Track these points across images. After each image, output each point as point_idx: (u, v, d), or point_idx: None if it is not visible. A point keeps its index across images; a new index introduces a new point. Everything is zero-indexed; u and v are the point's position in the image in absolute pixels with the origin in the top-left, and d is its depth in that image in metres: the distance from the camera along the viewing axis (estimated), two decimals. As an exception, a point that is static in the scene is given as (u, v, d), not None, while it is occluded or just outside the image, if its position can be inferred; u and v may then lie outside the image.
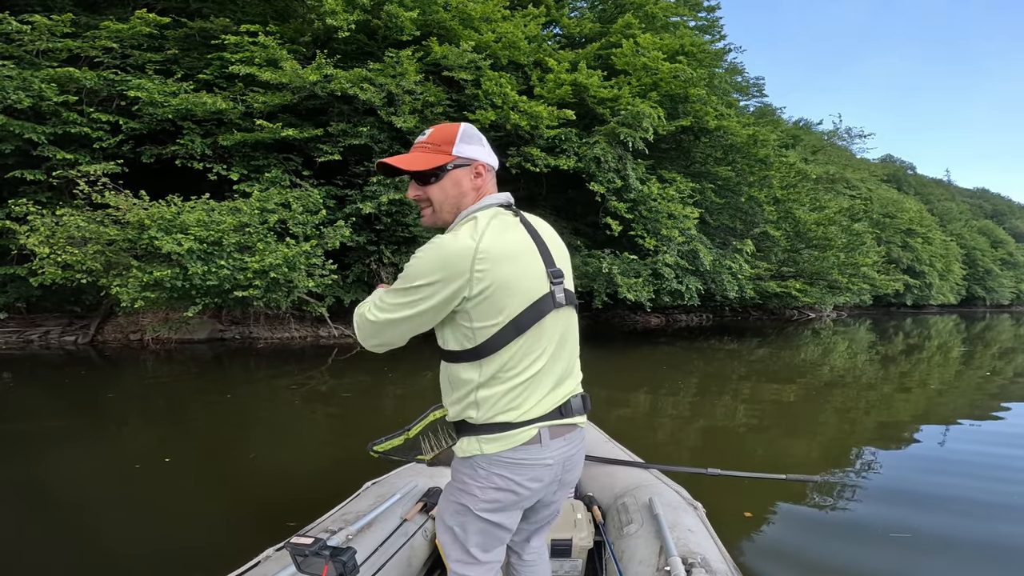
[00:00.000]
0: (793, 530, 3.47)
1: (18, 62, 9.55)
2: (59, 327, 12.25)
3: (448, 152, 1.40)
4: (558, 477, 1.47)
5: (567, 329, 1.45)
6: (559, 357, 1.42)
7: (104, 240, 9.67)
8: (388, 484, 2.56)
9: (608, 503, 2.56)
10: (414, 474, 2.68)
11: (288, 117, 11.39)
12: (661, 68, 12.35)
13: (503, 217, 1.39)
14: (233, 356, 10.99)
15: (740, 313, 28.33)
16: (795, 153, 24.72)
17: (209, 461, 4.66)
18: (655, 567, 1.87)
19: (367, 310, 1.37)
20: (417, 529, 2.28)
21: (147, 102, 10.24)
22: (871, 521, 3.57)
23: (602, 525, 2.41)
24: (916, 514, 3.70)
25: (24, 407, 6.72)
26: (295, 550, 1.50)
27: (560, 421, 1.42)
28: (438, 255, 1.28)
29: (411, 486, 2.52)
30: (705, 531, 2.14)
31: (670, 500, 2.36)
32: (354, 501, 2.40)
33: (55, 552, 3.04)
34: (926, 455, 5.29)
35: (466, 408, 1.40)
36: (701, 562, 1.85)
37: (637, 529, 2.17)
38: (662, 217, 12.39)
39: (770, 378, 9.98)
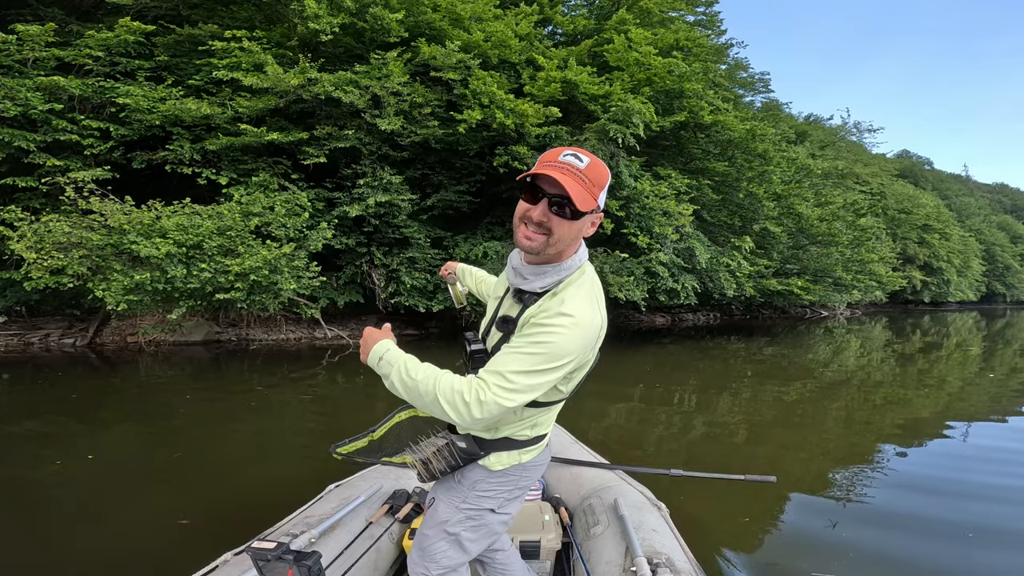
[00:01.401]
0: (757, 531, 3.47)
1: (7, 71, 9.44)
2: (59, 330, 12.21)
3: (596, 196, 1.32)
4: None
5: None
6: None
7: (89, 245, 9.54)
8: (352, 487, 2.49)
9: (575, 505, 2.54)
10: (378, 476, 2.61)
11: (278, 120, 11.19)
12: (654, 63, 11.86)
13: (595, 277, 1.43)
14: (229, 358, 10.83)
15: (749, 312, 27.58)
16: (802, 148, 23.93)
17: (177, 463, 4.60)
18: (622, 567, 1.87)
19: (492, 397, 1.27)
20: (383, 532, 2.21)
21: (134, 108, 10.08)
22: (830, 523, 3.58)
23: (569, 527, 2.38)
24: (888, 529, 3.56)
25: (15, 408, 6.67)
26: (257, 555, 1.45)
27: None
28: (584, 335, 1.30)
29: (376, 488, 2.46)
30: (669, 531, 2.14)
31: (635, 501, 2.35)
32: (317, 504, 2.31)
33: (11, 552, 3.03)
34: (916, 463, 5.00)
35: (521, 430, 1.50)
36: (666, 562, 1.85)
37: (603, 530, 2.16)
38: (655, 215, 11.91)
39: (773, 378, 9.62)
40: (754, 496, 3.95)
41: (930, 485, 4.39)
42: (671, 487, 3.21)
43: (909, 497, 4.14)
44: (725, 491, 3.99)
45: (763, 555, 3.17)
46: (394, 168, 11.45)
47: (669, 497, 2.50)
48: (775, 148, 14.79)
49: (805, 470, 4.82)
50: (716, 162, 14.19)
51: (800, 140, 25.67)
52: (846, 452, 5.31)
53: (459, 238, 12.85)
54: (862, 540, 3.39)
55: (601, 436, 5.56)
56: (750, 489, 3.95)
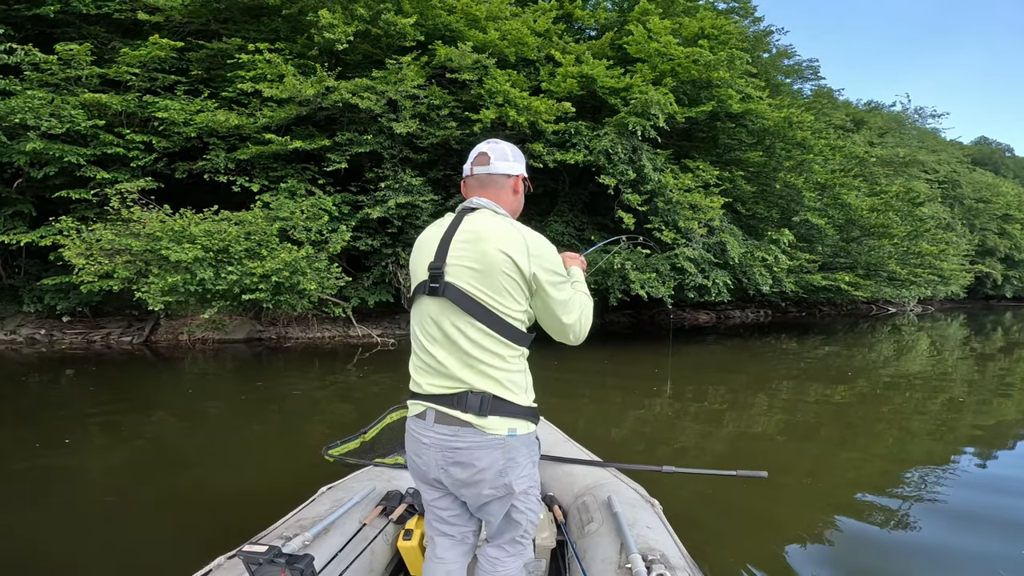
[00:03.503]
0: (750, 526, 3.44)
1: (54, 89, 9.97)
2: (119, 329, 12.91)
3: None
4: (442, 466, 1.52)
5: (452, 323, 1.49)
6: (448, 348, 1.50)
7: (132, 251, 9.96)
8: (344, 488, 2.42)
9: (569, 503, 2.49)
10: (371, 477, 2.54)
11: (305, 128, 11.34)
12: (676, 53, 11.14)
13: (446, 216, 1.60)
14: (269, 355, 11.16)
15: (805, 308, 25.84)
16: (859, 136, 22.15)
17: (188, 464, 4.64)
18: (617, 564, 1.84)
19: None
20: (377, 533, 2.15)
21: (172, 121, 10.44)
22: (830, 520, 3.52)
23: (563, 525, 2.34)
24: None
25: (73, 400, 7.10)
26: (248, 558, 1.42)
27: (449, 411, 1.48)
28: None
29: (369, 489, 2.39)
30: (663, 527, 2.12)
31: (629, 498, 2.32)
32: (309, 506, 2.25)
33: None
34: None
35: None
36: (661, 558, 1.82)
37: (598, 528, 2.13)
38: (680, 208, 11.20)
39: (822, 380, 8.95)
40: (748, 492, 3.86)
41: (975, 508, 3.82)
42: (664, 484, 3.10)
43: (944, 515, 3.69)
44: (718, 487, 3.91)
45: (758, 550, 3.13)
46: (415, 170, 11.36)
47: (662, 494, 2.48)
48: (815, 136, 13.62)
49: (810, 468, 4.62)
50: (750, 152, 13.24)
51: (858, 128, 23.76)
52: (871, 455, 4.95)
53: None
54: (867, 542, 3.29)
55: (624, 436, 5.41)
56: (744, 485, 3.85)
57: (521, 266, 1.45)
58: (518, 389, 1.51)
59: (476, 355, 1.48)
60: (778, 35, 18.26)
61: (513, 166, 1.62)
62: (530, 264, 1.46)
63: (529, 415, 1.55)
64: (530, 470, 1.60)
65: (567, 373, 8.78)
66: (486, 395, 1.47)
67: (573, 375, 8.73)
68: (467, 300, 1.47)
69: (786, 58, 19.23)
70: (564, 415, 6.37)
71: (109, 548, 3.10)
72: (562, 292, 1.54)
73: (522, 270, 1.46)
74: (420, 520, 2.20)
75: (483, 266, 1.45)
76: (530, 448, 1.59)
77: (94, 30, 11.33)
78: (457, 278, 1.48)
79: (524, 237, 1.48)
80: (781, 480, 4.25)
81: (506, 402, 1.48)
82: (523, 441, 1.54)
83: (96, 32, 11.31)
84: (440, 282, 1.49)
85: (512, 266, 1.45)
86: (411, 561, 2.15)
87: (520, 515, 1.60)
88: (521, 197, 1.68)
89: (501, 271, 1.45)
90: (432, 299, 1.51)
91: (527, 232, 1.51)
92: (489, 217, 1.53)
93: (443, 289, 1.48)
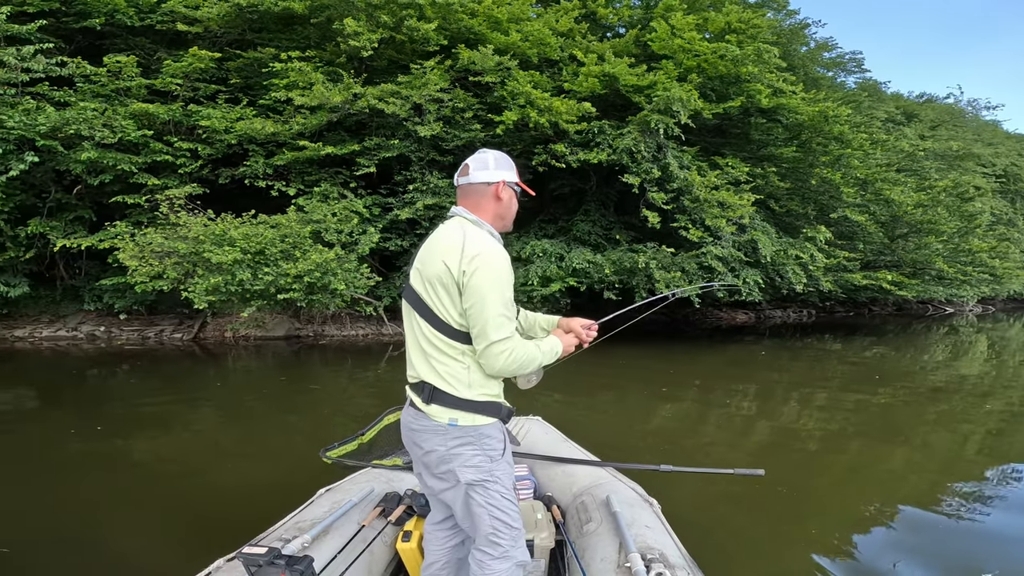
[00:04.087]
0: (748, 524, 3.40)
1: (106, 100, 10.62)
2: (171, 326, 13.65)
3: None
4: (408, 445, 1.73)
5: (413, 321, 1.66)
6: (412, 343, 1.68)
7: (180, 253, 10.52)
8: (342, 490, 2.43)
9: (567, 502, 2.50)
10: (370, 479, 2.54)
11: (337, 134, 11.71)
12: (702, 49, 10.92)
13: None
14: (307, 352, 11.58)
15: (854, 308, 24.76)
16: (910, 129, 21.08)
17: (202, 465, 4.67)
18: (616, 564, 1.84)
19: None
20: (376, 535, 2.16)
21: (213, 129, 10.97)
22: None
23: (562, 524, 2.35)
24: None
25: (115, 392, 7.62)
26: (248, 560, 1.42)
27: (413, 397, 1.67)
28: None
29: (367, 491, 2.40)
30: (662, 526, 2.11)
31: (627, 497, 2.32)
32: (308, 508, 2.26)
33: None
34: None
35: None
36: (660, 557, 1.82)
37: (596, 527, 2.13)
38: (707, 206, 10.97)
39: (864, 382, 8.56)
40: (746, 491, 3.82)
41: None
42: (662, 483, 3.07)
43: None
44: (717, 486, 3.88)
45: (757, 549, 3.10)
46: (442, 172, 11.55)
47: (660, 493, 2.47)
48: (853, 130, 13.07)
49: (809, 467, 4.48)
50: (784, 148, 12.82)
51: (909, 121, 22.60)
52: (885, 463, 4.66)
53: (511, 237, 12.68)
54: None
55: (646, 439, 5.31)
56: (742, 484, 3.83)
57: (451, 267, 1.53)
58: (457, 383, 1.59)
59: (427, 350, 1.62)
60: (815, 28, 17.55)
61: (493, 174, 1.68)
62: (460, 264, 1.52)
63: (473, 408, 1.61)
64: (481, 463, 1.63)
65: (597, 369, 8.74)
66: (429, 385, 1.61)
67: (595, 373, 8.69)
68: (418, 301, 1.62)
69: (826, 51, 18.50)
70: (585, 413, 6.42)
71: (108, 548, 3.09)
72: (493, 306, 1.52)
73: (451, 271, 1.53)
74: (419, 521, 2.23)
75: (429, 270, 1.59)
76: (479, 441, 1.62)
77: (140, 41, 11.98)
78: (415, 282, 1.64)
79: (464, 240, 1.55)
80: (781, 480, 4.14)
81: (445, 394, 1.59)
82: (466, 432, 1.60)
83: (142, 43, 11.96)
84: (406, 285, 1.69)
85: (444, 268, 1.54)
86: (410, 562, 2.15)
87: (480, 509, 1.63)
88: (508, 202, 1.73)
89: (437, 274, 1.56)
90: (405, 300, 1.68)
91: (471, 239, 1.56)
92: (451, 225, 1.65)
93: (406, 291, 1.68)
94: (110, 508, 3.63)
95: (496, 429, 1.67)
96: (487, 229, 1.66)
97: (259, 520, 2.24)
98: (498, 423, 1.67)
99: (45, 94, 10.18)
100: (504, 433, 1.72)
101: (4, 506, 3.62)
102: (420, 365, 1.64)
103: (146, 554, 2.98)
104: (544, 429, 3.18)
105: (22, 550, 3.01)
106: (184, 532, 3.21)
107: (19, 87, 9.98)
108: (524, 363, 1.60)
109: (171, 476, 4.25)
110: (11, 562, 2.91)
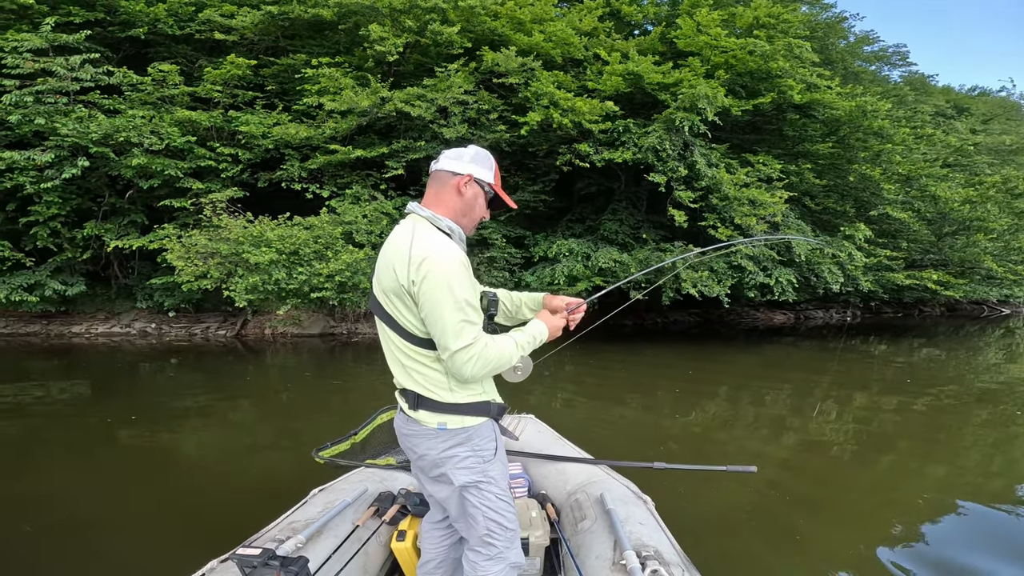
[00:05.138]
0: (738, 520, 3.37)
1: (153, 107, 11.12)
2: (216, 323, 14.19)
3: None
4: (404, 448, 1.68)
5: (383, 330, 1.59)
6: (387, 352, 1.62)
7: (222, 254, 10.94)
8: (336, 490, 2.41)
9: (561, 500, 2.48)
10: (363, 479, 2.53)
11: (368, 137, 11.93)
12: (729, 45, 10.63)
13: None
14: (341, 349, 11.85)
15: (903, 309, 23.61)
16: (961, 123, 19.97)
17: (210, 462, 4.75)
18: (611, 561, 1.83)
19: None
20: (371, 535, 2.14)
21: (251, 135, 11.35)
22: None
23: (556, 523, 2.33)
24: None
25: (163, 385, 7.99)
26: (242, 561, 1.41)
27: (402, 402, 1.64)
28: None
29: (361, 491, 2.38)
30: (656, 523, 2.10)
31: (621, 495, 2.31)
32: (301, 509, 2.24)
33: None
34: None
35: None
36: (655, 554, 1.81)
37: (591, 525, 2.12)
38: (736, 204, 10.68)
39: (906, 386, 8.19)
40: (739, 487, 3.81)
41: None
42: (656, 480, 3.08)
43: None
44: (711, 483, 3.86)
45: (752, 545, 3.08)
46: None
47: (654, 490, 2.46)
48: (894, 124, 12.46)
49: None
50: (819, 144, 12.34)
51: (959, 114, 21.39)
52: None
53: (539, 236, 12.65)
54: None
55: (666, 438, 5.23)
56: (735, 481, 3.83)
57: (400, 277, 1.45)
58: (439, 389, 1.54)
59: (402, 360, 1.56)
60: (852, 21, 16.83)
61: (464, 166, 1.56)
62: (408, 273, 1.43)
63: (461, 411, 1.56)
64: (474, 464, 1.59)
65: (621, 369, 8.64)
66: (412, 393, 1.56)
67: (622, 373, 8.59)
68: (382, 312, 1.56)
69: (867, 44, 17.70)
70: (592, 412, 6.35)
71: (106, 548, 3.10)
72: (449, 313, 1.43)
73: (400, 281, 1.45)
74: (413, 521, 2.23)
75: (384, 281, 1.52)
76: (472, 443, 1.58)
77: (181, 49, 12.51)
78: (376, 292, 1.58)
79: (410, 245, 1.46)
80: (782, 481, 4.01)
81: (430, 400, 1.55)
82: (456, 435, 1.56)
83: (183, 51, 12.50)
84: (371, 294, 1.61)
85: (395, 278, 1.47)
86: (405, 562, 2.14)
87: (475, 510, 1.60)
88: (471, 200, 1.59)
89: (391, 285, 1.49)
90: (372, 310, 1.61)
91: (417, 243, 1.46)
92: (402, 227, 1.55)
93: (371, 302, 1.61)
94: (107, 502, 3.67)
95: (487, 428, 1.61)
96: (444, 226, 1.53)
97: (257, 519, 2.22)
98: (489, 422, 1.62)
99: (96, 102, 10.74)
100: (496, 432, 1.65)
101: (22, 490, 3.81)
102: (399, 374, 1.60)
103: (145, 551, 3.00)
104: (537, 427, 3.16)
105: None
106: (181, 530, 3.23)
107: (71, 95, 10.56)
108: (497, 364, 1.51)
109: (178, 471, 4.35)
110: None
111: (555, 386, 7.44)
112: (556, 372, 8.30)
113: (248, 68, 11.36)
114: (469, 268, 1.50)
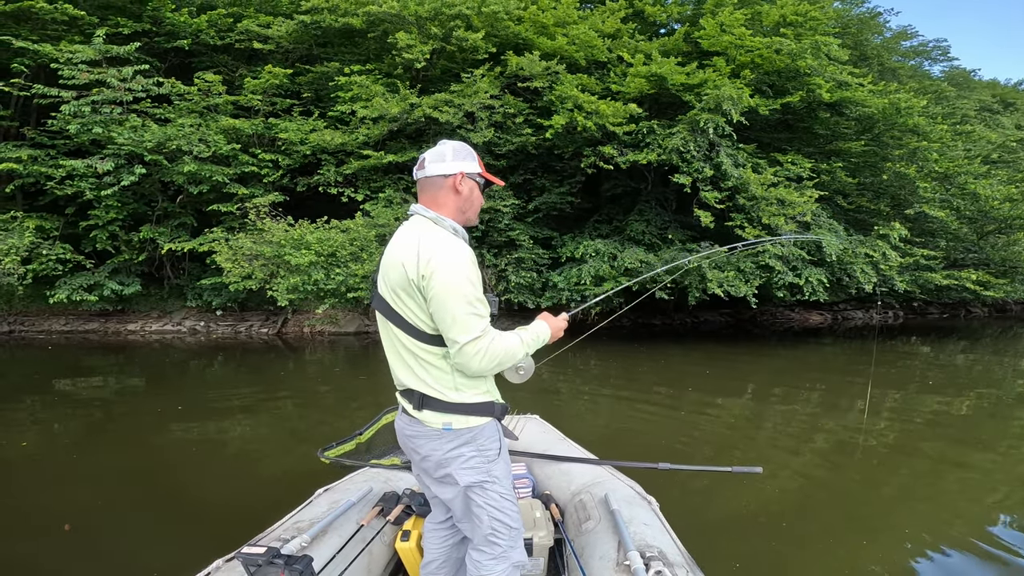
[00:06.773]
0: (743, 522, 3.33)
1: (200, 116, 11.65)
2: (259, 322, 14.72)
3: None
4: (407, 451, 1.67)
5: (388, 330, 1.59)
6: (391, 352, 1.61)
7: (265, 256, 11.39)
8: (341, 490, 2.41)
9: (565, 501, 2.46)
10: (368, 479, 2.53)
11: (397, 142, 12.20)
12: (754, 44, 10.46)
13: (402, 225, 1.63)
14: (375, 347, 12.09)
15: (949, 310, 22.58)
16: (1007, 119, 19.04)
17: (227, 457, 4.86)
18: (615, 562, 1.81)
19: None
20: (375, 535, 2.13)
21: (290, 141, 11.77)
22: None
23: (561, 523, 2.32)
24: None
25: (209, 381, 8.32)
26: (247, 560, 1.40)
27: (405, 404, 1.61)
28: None
29: (366, 491, 2.38)
30: (660, 524, 2.08)
31: (625, 495, 2.28)
32: (306, 508, 2.24)
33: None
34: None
35: None
36: (659, 555, 1.79)
37: (595, 525, 2.10)
38: (764, 204, 10.50)
39: (945, 389, 7.88)
40: (743, 489, 3.75)
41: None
42: (661, 481, 3.05)
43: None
44: (716, 484, 3.81)
45: (755, 547, 3.04)
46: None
47: (659, 491, 2.42)
48: (930, 121, 12.01)
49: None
50: (851, 142, 12.00)
51: (1005, 109, 20.39)
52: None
53: (566, 238, 12.70)
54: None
55: (680, 444, 5.15)
56: (739, 482, 3.76)
57: (409, 273, 1.46)
58: (444, 388, 1.54)
59: (407, 358, 1.56)
60: (887, 16, 16.24)
61: (451, 165, 1.58)
62: (418, 268, 1.44)
63: (466, 411, 1.56)
64: (479, 464, 1.58)
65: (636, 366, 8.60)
66: (418, 393, 1.55)
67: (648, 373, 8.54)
68: (388, 310, 1.55)
69: (905, 39, 17.06)
70: (635, 406, 6.38)
71: (107, 548, 3.12)
72: (458, 306, 1.44)
73: (410, 276, 1.46)
74: (417, 521, 2.21)
75: (391, 278, 1.52)
76: (476, 442, 1.58)
77: (222, 59, 13.05)
78: (382, 290, 1.57)
79: (419, 243, 1.47)
80: (784, 478, 3.96)
81: (435, 400, 1.54)
82: (461, 435, 1.56)
83: (224, 60, 13.03)
84: (375, 293, 1.60)
85: (403, 274, 1.47)
86: (409, 562, 2.12)
87: (480, 510, 1.60)
88: (469, 195, 1.62)
89: (399, 281, 1.49)
90: (376, 309, 1.59)
91: (426, 241, 1.48)
92: (408, 227, 1.57)
93: (375, 300, 1.60)
94: (123, 500, 3.73)
95: (492, 428, 1.61)
96: (448, 226, 1.55)
97: (262, 518, 2.24)
98: (493, 422, 1.61)
99: (148, 111, 11.32)
100: (499, 432, 1.65)
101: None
102: (404, 374, 1.58)
103: (147, 549, 3.03)
104: (542, 427, 3.14)
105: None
106: (184, 526, 3.27)
107: (124, 105, 11.16)
108: (503, 358, 1.50)
109: (207, 465, 4.43)
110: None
111: (574, 384, 7.50)
112: (582, 368, 8.31)
113: (285, 77, 11.79)
114: (476, 264, 1.52)
